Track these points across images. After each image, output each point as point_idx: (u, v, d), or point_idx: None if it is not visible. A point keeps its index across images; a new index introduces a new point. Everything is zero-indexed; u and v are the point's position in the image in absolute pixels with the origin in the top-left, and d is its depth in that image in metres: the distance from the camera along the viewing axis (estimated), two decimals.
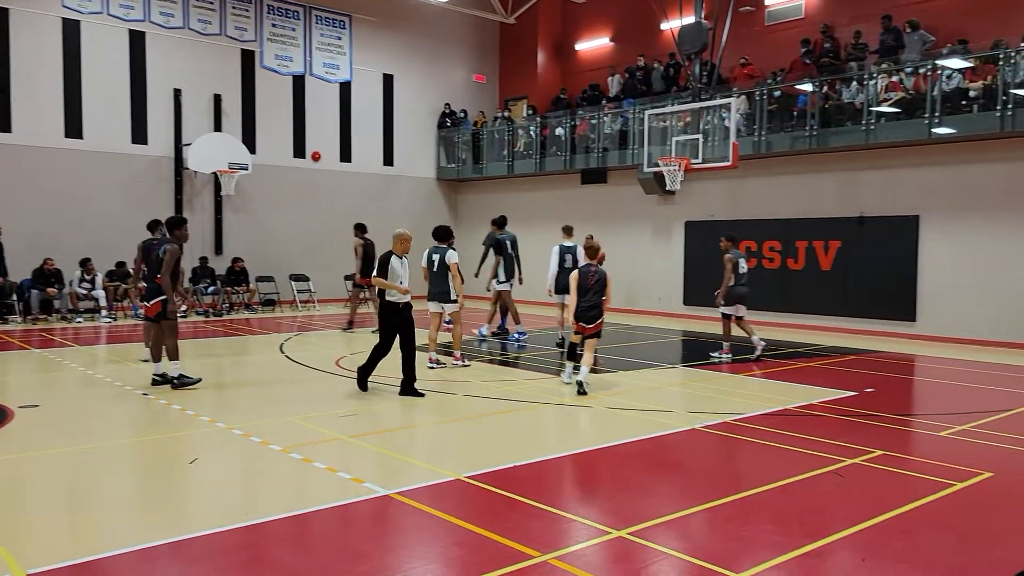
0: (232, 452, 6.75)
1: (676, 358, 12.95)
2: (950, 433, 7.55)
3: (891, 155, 15.32)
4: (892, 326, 15.29)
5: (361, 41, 22.40)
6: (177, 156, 19.18)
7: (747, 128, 16.78)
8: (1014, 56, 13.36)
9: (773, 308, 16.97)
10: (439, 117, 24.18)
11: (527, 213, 21.61)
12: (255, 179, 19.82)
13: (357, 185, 22.37)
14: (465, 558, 4.48)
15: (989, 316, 14.14)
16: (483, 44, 25.23)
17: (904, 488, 5.87)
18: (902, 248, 15.14)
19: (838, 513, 5.29)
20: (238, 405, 8.64)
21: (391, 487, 5.61)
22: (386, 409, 8.39)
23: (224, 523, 4.93)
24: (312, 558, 4.48)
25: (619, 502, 5.54)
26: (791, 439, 7.15)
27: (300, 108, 21.39)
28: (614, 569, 4.35)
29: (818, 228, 16.33)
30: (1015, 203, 13.84)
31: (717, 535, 4.94)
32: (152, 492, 5.77)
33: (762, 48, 18.81)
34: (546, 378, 10.40)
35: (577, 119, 20.75)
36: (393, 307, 8.94)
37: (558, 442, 7.29)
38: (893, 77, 15.02)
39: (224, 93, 19.94)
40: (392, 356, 9.12)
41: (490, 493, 5.57)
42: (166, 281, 9.17)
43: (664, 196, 18.74)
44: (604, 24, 23.07)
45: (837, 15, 17.68)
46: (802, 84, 16.34)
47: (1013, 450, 6.96)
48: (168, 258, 9.16)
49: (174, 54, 19.19)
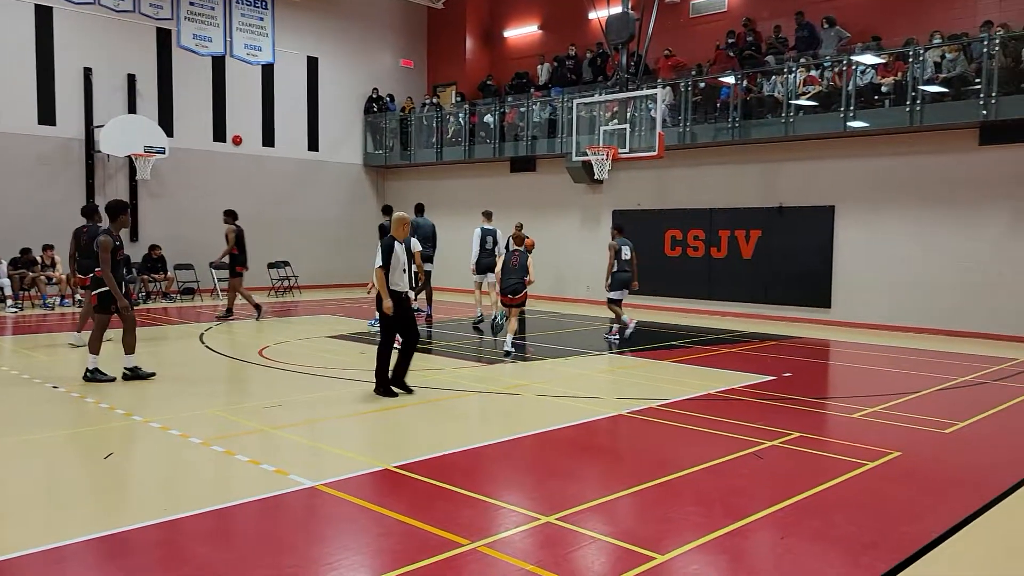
0: (150, 446, 6.52)
1: (604, 345, 13.12)
2: (862, 415, 7.87)
3: (809, 147, 15.83)
4: (809, 312, 15.84)
5: (284, 23, 21.82)
6: (88, 138, 18.34)
7: (672, 119, 17.08)
8: (923, 53, 13.96)
9: (697, 296, 17.39)
10: (366, 102, 23.80)
11: (456, 201, 21.52)
12: (173, 163, 19.13)
13: (280, 170, 21.84)
14: (393, 548, 4.44)
15: (898, 303, 14.80)
16: (411, 29, 24.92)
17: (820, 468, 6.09)
18: (818, 237, 15.69)
19: (758, 493, 5.46)
20: (156, 397, 8.34)
21: (317, 479, 5.51)
22: (313, 400, 8.24)
23: (141, 519, 4.75)
24: (235, 553, 4.37)
25: (548, 488, 5.59)
26: (713, 423, 7.34)
27: (220, 90, 20.71)
28: (542, 555, 4.38)
29: (740, 218, 16.78)
30: (923, 194, 14.50)
31: (643, 518, 5.03)
32: (64, 489, 5.51)
33: (686, 40, 19.14)
34: (476, 366, 10.39)
35: (506, 107, 20.72)
36: (396, 297, 8.27)
37: (487, 430, 7.29)
38: (811, 71, 15.51)
39: (139, 73, 19.14)
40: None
41: (418, 482, 5.53)
42: (107, 276, 8.59)
43: (592, 185, 18.92)
44: (533, 12, 23.08)
45: (758, 9, 18.12)
46: (725, 77, 16.71)
47: (920, 430, 7.31)
48: (101, 252, 8.55)
49: (84, 31, 18.29)
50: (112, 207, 8.87)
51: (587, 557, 4.37)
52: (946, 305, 14.23)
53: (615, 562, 4.29)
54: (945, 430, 7.30)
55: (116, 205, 8.89)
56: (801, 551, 4.48)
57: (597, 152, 15.57)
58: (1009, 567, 4.48)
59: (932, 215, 14.41)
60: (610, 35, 16.05)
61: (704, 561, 4.33)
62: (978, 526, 4.96)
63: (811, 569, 4.26)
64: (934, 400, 8.71)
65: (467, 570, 4.14)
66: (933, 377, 10.07)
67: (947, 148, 14.19)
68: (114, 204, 8.91)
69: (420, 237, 13.59)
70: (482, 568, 4.16)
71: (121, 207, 8.92)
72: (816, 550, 4.51)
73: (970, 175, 13.98)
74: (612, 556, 4.38)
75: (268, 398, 8.20)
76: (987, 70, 13.15)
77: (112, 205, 8.89)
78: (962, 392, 9.28)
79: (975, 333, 13.85)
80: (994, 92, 13.02)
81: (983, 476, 6.07)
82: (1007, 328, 13.58)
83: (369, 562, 4.28)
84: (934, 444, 6.89)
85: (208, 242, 19.87)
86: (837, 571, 4.25)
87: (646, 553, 4.36)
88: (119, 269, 8.85)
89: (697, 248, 17.43)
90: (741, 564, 4.34)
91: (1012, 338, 13.43)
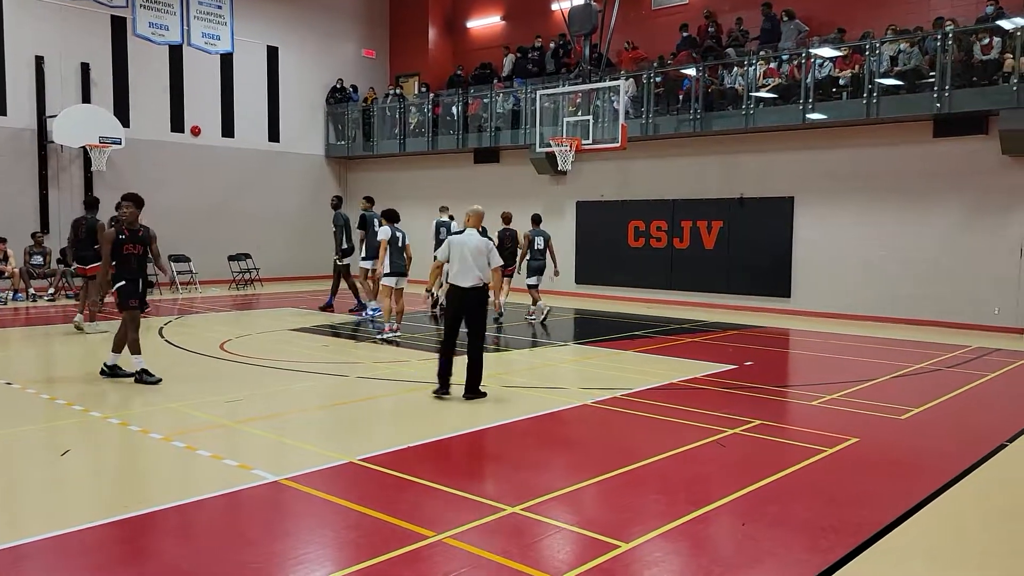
0: (109, 442, 6.41)
1: (569, 336, 13.19)
2: (821, 402, 8.03)
3: (769, 139, 16.04)
4: (769, 302, 16.09)
5: (243, 11, 21.44)
6: (40, 129, 17.86)
7: (635, 111, 17.17)
8: (879, 47, 14.21)
9: (660, 286, 17.54)
10: (328, 92, 23.53)
11: (419, 192, 21.40)
12: (129, 154, 18.72)
13: (240, 161, 21.50)
14: (359, 541, 4.42)
15: (855, 292, 15.09)
16: (373, 18, 24.66)
17: (780, 455, 6.21)
18: (778, 228, 15.92)
19: (721, 481, 5.55)
20: (114, 392, 8.19)
21: (281, 473, 5.46)
22: (276, 393, 8.16)
23: (101, 517, 4.67)
24: (198, 549, 4.32)
25: (513, 479, 5.61)
26: (677, 412, 7.43)
27: (178, 80, 20.30)
28: (508, 545, 4.40)
29: (702, 208, 16.94)
30: (879, 185, 14.78)
31: (607, 507, 5.08)
32: (21, 487, 5.39)
33: (649, 32, 19.24)
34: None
35: (470, 98, 20.65)
36: (459, 293, 7.74)
37: (453, 421, 7.28)
38: (771, 64, 15.70)
39: (93, 62, 18.68)
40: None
41: (383, 475, 5.52)
42: (102, 270, 8.41)
43: (556, 176, 18.96)
44: (495, 2, 22.99)
45: (720, 1, 18.26)
46: (686, 69, 16.84)
47: (877, 416, 7.48)
48: (103, 245, 8.29)
49: (35, 19, 17.78)
50: (125, 197, 8.46)
51: (552, 547, 4.40)
52: (901, 294, 14.55)
53: (580, 551, 4.33)
54: (901, 416, 7.48)
55: (128, 197, 8.46)
56: (762, 536, 4.57)
57: (560, 143, 15.60)
58: (961, 548, 4.62)
59: (888, 206, 14.70)
60: (573, 26, 16.06)
61: (667, 548, 4.39)
62: (933, 509, 5.10)
63: (772, 554, 4.35)
64: (890, 387, 8.91)
65: (432, 562, 4.14)
66: (889, 365, 10.30)
67: (903, 140, 14.48)
68: (129, 196, 8.48)
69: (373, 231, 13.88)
70: (448, 559, 4.17)
71: (136, 201, 8.45)
72: (776, 535, 4.60)
73: (924, 167, 14.29)
74: (577, 545, 4.42)
75: (230, 392, 8.10)
76: (940, 64, 13.44)
77: (126, 196, 8.49)
78: (917, 379, 9.51)
79: (929, 321, 14.19)
80: (947, 86, 13.31)
81: (937, 461, 6.24)
82: (959, 316, 13.93)
83: (334, 555, 4.26)
84: (890, 430, 7.05)
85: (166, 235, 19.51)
86: (797, 555, 4.34)
87: (610, 541, 4.40)
88: (130, 263, 8.40)
89: (660, 239, 17.58)
90: (704, 550, 4.41)
91: (964, 326, 13.78)
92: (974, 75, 13.40)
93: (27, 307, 15.19)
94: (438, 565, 4.10)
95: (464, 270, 7.69)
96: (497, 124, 19.91)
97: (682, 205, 17.27)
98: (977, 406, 8.20)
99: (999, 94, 12.95)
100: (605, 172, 18.44)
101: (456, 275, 7.75)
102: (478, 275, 7.69)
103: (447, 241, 7.91)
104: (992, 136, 13.39)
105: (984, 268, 13.69)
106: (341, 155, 23.65)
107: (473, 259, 7.67)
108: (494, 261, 7.84)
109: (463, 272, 7.70)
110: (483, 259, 7.74)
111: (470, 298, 7.71)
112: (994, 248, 13.59)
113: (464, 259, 7.68)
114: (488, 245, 7.86)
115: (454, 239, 7.87)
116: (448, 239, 7.93)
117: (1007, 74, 12.93)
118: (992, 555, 4.53)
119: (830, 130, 15.21)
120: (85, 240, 11.81)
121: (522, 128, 19.14)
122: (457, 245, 7.76)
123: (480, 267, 7.71)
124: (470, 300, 7.71)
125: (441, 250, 7.95)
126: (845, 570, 4.16)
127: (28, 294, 16.17)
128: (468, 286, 7.69)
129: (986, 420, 7.65)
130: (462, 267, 7.70)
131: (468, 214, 8.15)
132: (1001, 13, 13.52)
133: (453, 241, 7.84)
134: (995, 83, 13.10)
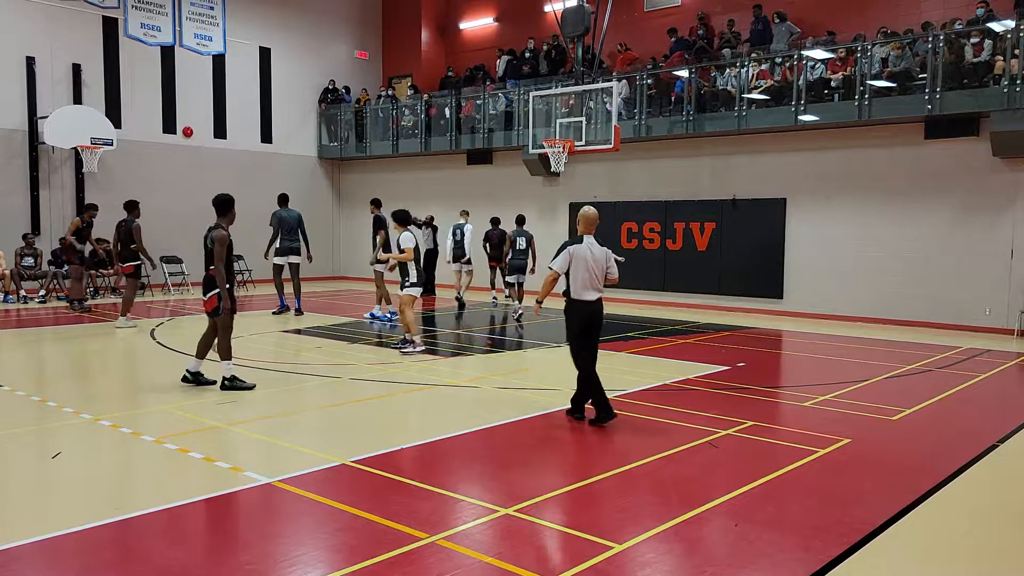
0: (100, 444, 6.37)
1: (560, 337, 13.18)
2: (813, 403, 8.05)
3: (761, 140, 16.08)
4: (761, 303, 16.12)
5: (236, 12, 21.39)
6: (32, 130, 17.78)
7: (628, 112, 17.19)
8: (870, 49, 14.26)
9: (653, 287, 17.56)
10: (321, 93, 23.49)
11: (413, 193, 21.37)
12: (121, 155, 18.65)
13: (233, 162, 21.43)
14: (351, 543, 4.41)
15: (848, 293, 15.14)
16: (366, 20, 24.64)
17: (772, 456, 6.22)
18: (770, 229, 15.96)
19: (713, 482, 5.55)
20: (105, 394, 8.16)
21: (273, 475, 5.45)
22: (268, 395, 8.14)
23: (92, 519, 4.64)
24: (189, 551, 4.30)
25: (506, 480, 5.60)
26: (670, 413, 7.43)
27: (170, 81, 20.24)
28: (502, 546, 4.40)
29: (695, 210, 16.97)
30: (871, 187, 14.83)
31: (601, 508, 5.08)
32: (10, 490, 5.35)
33: (641, 34, 19.28)
34: (433, 360, 10.36)
35: (463, 99, 20.64)
36: (585, 308, 7.06)
37: (446, 423, 7.27)
38: (763, 66, 15.74)
39: (84, 63, 18.60)
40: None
41: (376, 477, 5.51)
42: (220, 273, 8.07)
43: (549, 177, 18.97)
44: (488, 4, 23.00)
45: (711, 3, 18.31)
46: (678, 70, 16.87)
47: (869, 417, 7.50)
48: (217, 248, 8.01)
49: (26, 19, 17.70)
50: (220, 202, 8.32)
51: (545, 548, 4.40)
52: (893, 295, 14.60)
53: (573, 552, 4.32)
54: (893, 417, 7.51)
55: (224, 199, 8.32)
56: (755, 537, 4.57)
57: (553, 145, 15.61)
58: (952, 548, 4.63)
59: (880, 207, 14.76)
60: (565, 28, 16.06)
61: (661, 549, 4.39)
62: (924, 509, 5.12)
63: (764, 554, 4.35)
64: (882, 388, 8.94)
65: (426, 563, 4.13)
66: (881, 365, 10.34)
67: (894, 142, 14.54)
68: (222, 199, 8.34)
69: (285, 229, 14.20)
70: (441, 561, 4.16)
71: (229, 202, 8.35)
72: (769, 536, 4.61)
73: (916, 168, 14.35)
74: (570, 546, 4.41)
75: (222, 394, 8.07)
76: (931, 66, 13.51)
77: (220, 199, 8.32)
78: (908, 380, 9.54)
79: (920, 322, 14.24)
80: (938, 87, 13.38)
81: (929, 461, 6.26)
82: (951, 317, 13.99)
83: (327, 557, 4.25)
84: (882, 431, 7.08)
85: (158, 236, 19.46)
86: (789, 556, 4.35)
87: (604, 543, 4.40)
88: (231, 268, 8.35)
89: (653, 240, 17.60)
90: (697, 551, 4.41)
91: (955, 327, 13.84)
92: (965, 77, 13.47)
93: (18, 309, 15.12)
94: (431, 567, 4.10)
95: (588, 283, 6.99)
96: (490, 126, 19.91)
97: (675, 206, 17.30)
98: (968, 407, 8.23)
99: (990, 96, 13.02)
100: (598, 174, 18.46)
101: (580, 289, 7.01)
102: (599, 287, 7.08)
103: (567, 251, 7.03)
104: (983, 138, 13.46)
105: (975, 269, 13.75)
106: (334, 156, 23.62)
107: (597, 270, 7.02)
108: (613, 272, 7.17)
109: (588, 285, 7.00)
110: (603, 270, 7.08)
111: (595, 312, 7.08)
112: (985, 249, 13.65)
113: (588, 270, 6.97)
114: (608, 254, 7.15)
115: (575, 249, 7.01)
116: (568, 248, 7.05)
117: (998, 76, 13.00)
118: (983, 555, 4.55)
119: (822, 132, 15.26)
120: (125, 240, 12.64)
121: (515, 129, 19.15)
122: (580, 256, 6.97)
123: (601, 278, 7.07)
124: (596, 314, 7.09)
125: (559, 260, 7.04)
126: (837, 570, 4.17)
127: (19, 296, 16.09)
128: (594, 299, 7.03)
129: (977, 421, 7.69)
130: (587, 279, 6.98)
131: (581, 218, 7.25)
132: (991, 15, 13.60)
133: (575, 252, 6.99)
134: (986, 85, 13.17)
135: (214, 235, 8.15)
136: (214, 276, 8.16)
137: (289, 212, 14.50)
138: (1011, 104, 12.67)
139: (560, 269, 7.04)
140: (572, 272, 6.98)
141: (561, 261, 7.01)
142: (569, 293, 7.06)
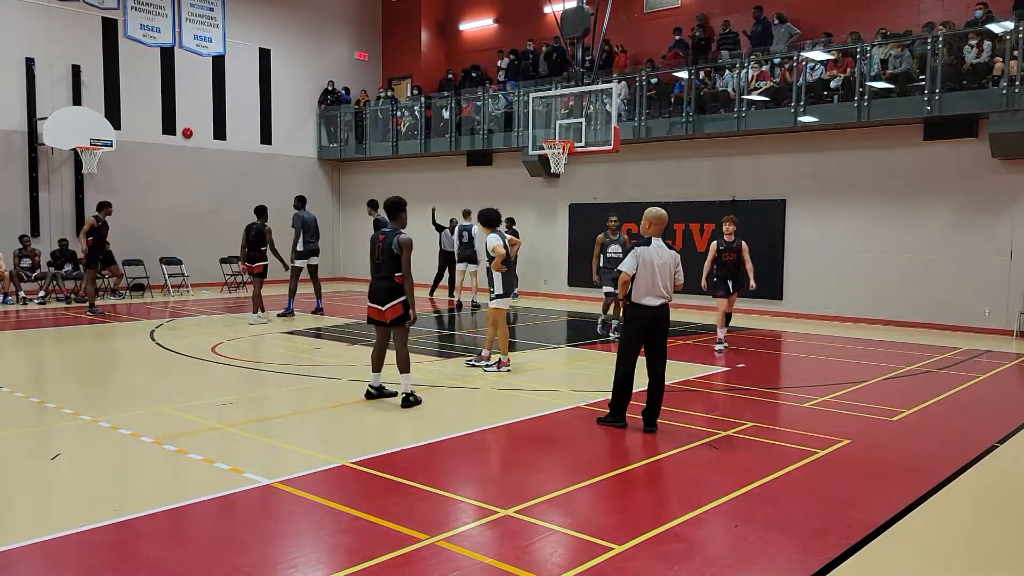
0: (99, 446, 6.37)
1: (561, 338, 13.18)
2: (813, 404, 8.05)
3: (760, 141, 16.09)
4: (761, 304, 16.12)
5: (235, 13, 21.40)
6: (31, 131, 17.79)
7: (627, 113, 17.20)
8: (869, 50, 14.28)
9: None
10: (320, 95, 23.50)
11: (412, 194, 21.20)
12: (120, 156, 18.66)
13: (232, 163, 21.44)
14: (351, 544, 4.41)
15: (847, 294, 15.15)
16: (365, 21, 24.66)
17: (772, 457, 6.22)
18: (770, 231, 15.96)
19: (713, 483, 5.55)
20: (105, 396, 8.16)
21: (273, 476, 5.44)
22: (268, 396, 8.14)
23: (91, 521, 4.64)
24: (189, 553, 4.30)
25: (506, 482, 5.60)
26: (669, 414, 7.43)
27: (169, 82, 20.24)
28: (501, 547, 4.39)
29: (694, 211, 16.96)
30: (870, 188, 14.85)
31: (601, 509, 5.08)
32: (10, 491, 5.35)
33: (641, 35, 19.29)
34: (431, 360, 10.36)
35: (463, 100, 20.65)
36: (641, 310, 6.79)
37: (445, 424, 7.27)
38: (763, 67, 15.75)
39: (84, 64, 18.60)
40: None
41: (376, 478, 5.51)
42: (410, 280, 7.53)
43: (549, 179, 18.97)
44: (488, 5, 23.02)
45: (711, 5, 18.32)
46: (678, 72, 16.87)
47: (868, 418, 7.50)
48: (406, 253, 7.49)
49: (25, 20, 17.71)
50: (392, 204, 7.77)
51: (546, 549, 4.40)
52: (892, 296, 14.61)
53: (573, 554, 4.32)
54: (892, 418, 7.51)
55: (396, 202, 7.78)
56: (754, 538, 4.57)
57: (553, 146, 15.62)
58: (953, 549, 4.64)
59: (879, 208, 14.77)
60: (565, 29, 16.09)
61: (660, 551, 4.39)
62: (924, 510, 5.12)
63: (763, 556, 4.35)
64: (881, 389, 8.94)
65: (425, 565, 4.13)
66: (880, 366, 10.34)
67: (893, 143, 14.55)
68: (394, 201, 7.79)
69: (308, 232, 14.81)
70: (441, 562, 4.16)
71: (401, 205, 7.79)
72: (768, 537, 4.61)
73: (915, 169, 14.36)
74: (570, 548, 4.41)
75: (221, 395, 8.07)
76: (931, 67, 13.52)
77: (392, 202, 7.78)
78: (908, 381, 9.55)
79: (920, 323, 14.25)
80: (937, 89, 13.38)
81: (928, 463, 6.26)
82: (950, 319, 14.00)
83: (327, 559, 4.25)
84: (882, 432, 7.08)
85: (158, 237, 19.48)
86: (789, 557, 4.35)
87: (604, 544, 4.40)
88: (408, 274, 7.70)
89: None
90: (696, 553, 4.41)
91: (955, 328, 13.85)
92: (964, 78, 13.48)
93: (17, 310, 15.12)
94: (431, 568, 4.09)
95: (653, 287, 6.74)
96: (490, 127, 19.92)
97: (675, 207, 17.25)
98: (968, 408, 8.24)
99: (989, 97, 13.03)
100: (598, 175, 18.46)
101: (642, 294, 6.76)
102: (665, 292, 6.81)
103: (634, 253, 6.78)
104: (982, 139, 13.47)
105: (974, 270, 13.76)
106: (333, 157, 23.63)
107: (663, 275, 6.76)
108: (679, 277, 6.93)
109: (650, 290, 6.75)
110: (671, 274, 6.85)
111: (657, 318, 6.81)
112: (984, 250, 13.66)
113: (654, 275, 6.72)
114: (676, 259, 6.89)
115: (643, 251, 6.76)
116: (636, 251, 6.80)
117: (996, 77, 13.01)
118: (984, 556, 4.55)
119: (821, 133, 15.27)
120: (254, 242, 13.54)
121: (515, 131, 19.16)
122: (648, 259, 6.72)
123: (667, 283, 6.80)
124: (658, 320, 6.82)
125: (628, 263, 6.78)
126: (837, 571, 4.17)
127: (18, 297, 16.09)
128: (658, 304, 6.77)
129: (977, 422, 7.69)
130: (652, 283, 6.73)
131: (650, 220, 6.92)
132: (990, 17, 13.61)
133: (643, 255, 6.73)
134: (985, 87, 13.18)
135: (400, 240, 7.48)
136: (397, 283, 7.54)
137: (308, 214, 15.09)
138: (1010, 106, 12.68)
139: (630, 271, 6.78)
140: (637, 275, 6.76)
141: (630, 263, 6.79)
142: (630, 297, 6.82)
